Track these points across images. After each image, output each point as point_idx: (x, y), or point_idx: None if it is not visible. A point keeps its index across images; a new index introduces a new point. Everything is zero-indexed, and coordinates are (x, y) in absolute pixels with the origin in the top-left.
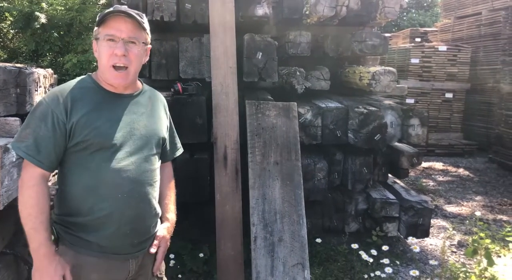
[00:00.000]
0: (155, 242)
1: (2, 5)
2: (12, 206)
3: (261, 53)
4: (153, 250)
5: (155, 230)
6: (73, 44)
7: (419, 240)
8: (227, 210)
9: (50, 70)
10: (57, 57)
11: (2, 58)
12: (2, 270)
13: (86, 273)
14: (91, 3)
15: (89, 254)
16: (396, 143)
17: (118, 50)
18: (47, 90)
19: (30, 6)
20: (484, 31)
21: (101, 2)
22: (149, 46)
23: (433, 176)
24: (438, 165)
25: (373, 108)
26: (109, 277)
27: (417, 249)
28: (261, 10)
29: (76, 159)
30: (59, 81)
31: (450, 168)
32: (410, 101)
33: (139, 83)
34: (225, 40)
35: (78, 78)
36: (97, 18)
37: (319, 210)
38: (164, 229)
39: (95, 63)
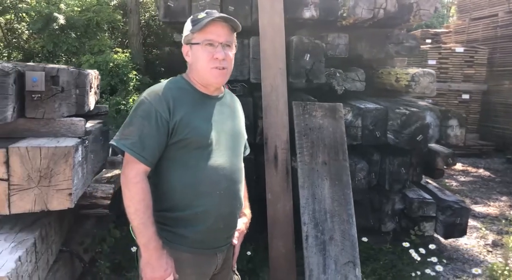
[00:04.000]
0: (236, 234)
1: (21, 6)
2: None
3: (309, 55)
4: (235, 241)
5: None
6: (90, 45)
7: (453, 239)
8: (278, 209)
9: (96, 71)
10: (72, 57)
11: (17, 58)
12: (61, 268)
13: (182, 268)
14: (103, 4)
15: (184, 249)
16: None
17: (219, 54)
18: (96, 91)
19: (48, 7)
20: (500, 33)
21: (112, 3)
22: (236, 47)
23: (454, 176)
24: (458, 166)
25: (415, 109)
26: (201, 271)
27: (455, 248)
28: (308, 13)
29: (175, 156)
30: None
31: (469, 168)
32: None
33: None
34: (275, 42)
35: (171, 79)
36: (192, 24)
37: (356, 210)
38: (242, 224)
39: (111, 64)
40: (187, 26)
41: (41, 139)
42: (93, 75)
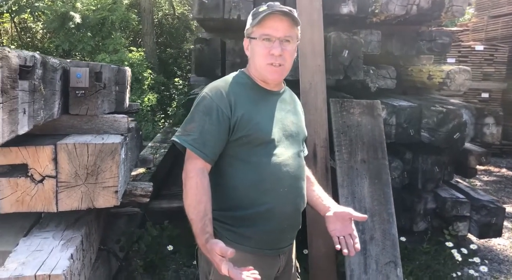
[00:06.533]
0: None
1: (37, 4)
2: None
3: (347, 51)
4: (339, 246)
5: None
6: (105, 44)
7: (486, 240)
8: None
9: (129, 69)
10: (86, 56)
11: None
12: (100, 266)
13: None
14: (118, 2)
15: (246, 250)
16: None
17: (275, 50)
18: (129, 88)
19: (64, 5)
20: None
21: (125, 2)
22: (298, 41)
23: (477, 176)
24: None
25: (452, 107)
26: (263, 273)
27: (488, 249)
28: (346, 8)
29: (237, 153)
30: None
31: (492, 168)
32: None
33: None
34: (313, 38)
35: (232, 74)
36: (251, 17)
37: None
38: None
39: (126, 63)
40: (249, 19)
41: (85, 136)
42: (129, 72)
